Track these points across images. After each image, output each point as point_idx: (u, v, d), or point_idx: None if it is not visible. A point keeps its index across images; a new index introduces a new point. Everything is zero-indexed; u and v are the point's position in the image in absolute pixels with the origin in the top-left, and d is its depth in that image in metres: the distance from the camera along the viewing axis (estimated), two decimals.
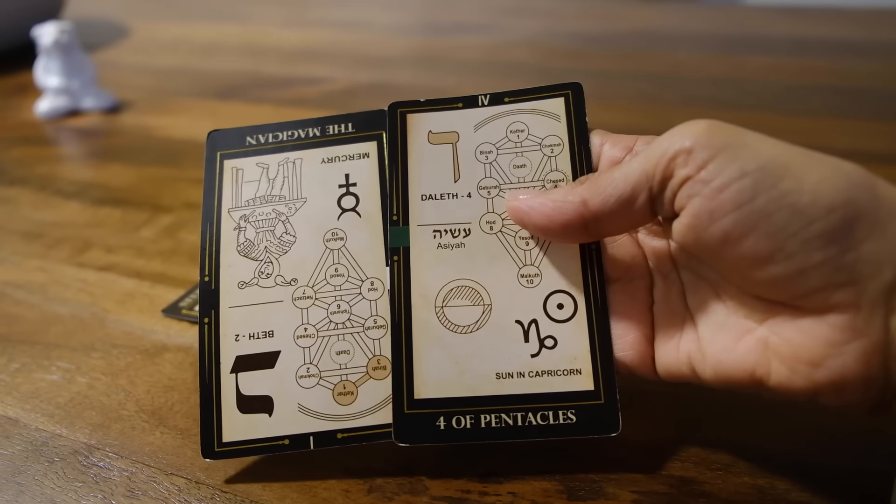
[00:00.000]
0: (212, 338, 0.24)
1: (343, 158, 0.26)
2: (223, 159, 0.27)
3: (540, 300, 0.24)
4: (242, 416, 0.24)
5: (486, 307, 0.24)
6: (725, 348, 0.21)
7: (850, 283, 0.18)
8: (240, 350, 0.24)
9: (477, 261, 0.24)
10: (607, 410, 0.22)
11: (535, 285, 0.24)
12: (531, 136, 0.25)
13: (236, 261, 0.25)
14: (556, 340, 0.23)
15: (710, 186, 0.19)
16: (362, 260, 0.25)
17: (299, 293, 0.25)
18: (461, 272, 0.24)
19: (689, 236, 0.20)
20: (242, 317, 0.25)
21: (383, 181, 0.25)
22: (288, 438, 0.23)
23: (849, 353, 0.18)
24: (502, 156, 0.25)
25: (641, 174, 0.20)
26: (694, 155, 0.19)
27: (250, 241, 0.25)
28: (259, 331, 0.24)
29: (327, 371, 0.24)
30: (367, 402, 0.23)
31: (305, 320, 0.24)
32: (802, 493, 0.22)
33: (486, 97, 0.26)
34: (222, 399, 0.24)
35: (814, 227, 0.18)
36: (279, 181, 0.26)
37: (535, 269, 0.24)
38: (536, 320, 0.23)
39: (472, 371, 0.23)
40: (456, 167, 0.25)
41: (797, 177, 0.18)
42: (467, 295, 0.24)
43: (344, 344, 0.24)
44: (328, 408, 0.23)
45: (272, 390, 0.24)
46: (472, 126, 0.25)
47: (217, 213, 0.26)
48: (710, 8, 0.89)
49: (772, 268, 0.19)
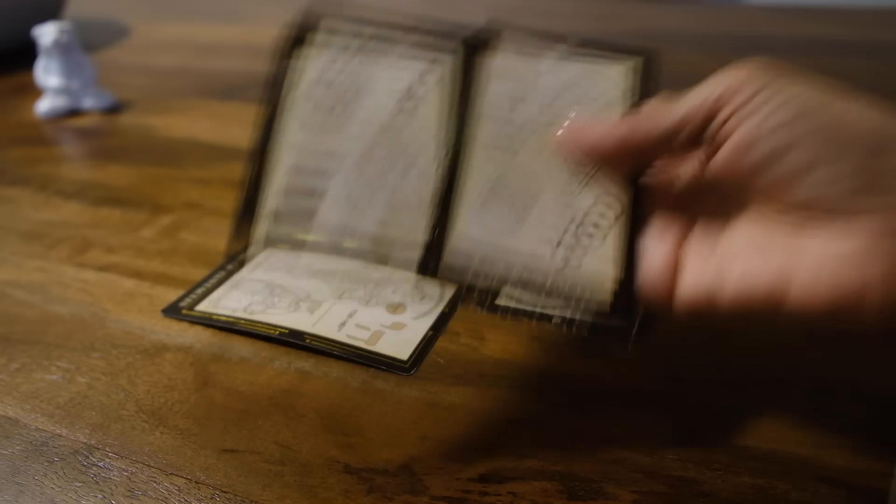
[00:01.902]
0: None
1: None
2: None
3: (578, 215, 0.24)
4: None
5: (527, 205, 0.24)
6: (746, 267, 0.21)
7: (882, 192, 0.19)
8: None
9: (526, 170, 0.25)
10: (621, 324, 0.23)
11: (574, 203, 0.24)
12: (589, 94, 0.26)
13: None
14: (585, 253, 0.24)
15: (757, 114, 0.20)
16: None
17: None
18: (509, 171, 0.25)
19: (733, 161, 0.21)
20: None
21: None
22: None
23: (873, 264, 0.19)
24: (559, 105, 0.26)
25: (689, 107, 0.22)
26: (742, 89, 0.21)
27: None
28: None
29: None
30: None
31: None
32: (802, 493, 0.23)
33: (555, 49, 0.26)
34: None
35: (856, 141, 0.19)
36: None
37: (577, 188, 0.24)
38: (570, 230, 0.24)
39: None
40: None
41: (842, 103, 0.20)
42: (515, 189, 0.25)
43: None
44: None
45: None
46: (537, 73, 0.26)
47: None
48: (710, 8, 0.89)
49: (812, 176, 0.20)
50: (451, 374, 0.28)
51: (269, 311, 0.32)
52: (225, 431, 0.26)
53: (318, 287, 0.33)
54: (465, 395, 0.27)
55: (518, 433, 0.25)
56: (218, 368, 0.29)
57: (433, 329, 0.30)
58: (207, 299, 0.33)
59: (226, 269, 0.35)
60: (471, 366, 0.28)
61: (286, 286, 0.33)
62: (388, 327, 0.30)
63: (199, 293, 0.34)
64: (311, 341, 0.30)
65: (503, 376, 0.28)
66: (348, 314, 0.31)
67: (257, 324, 0.31)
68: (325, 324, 0.31)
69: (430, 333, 0.30)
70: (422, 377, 0.28)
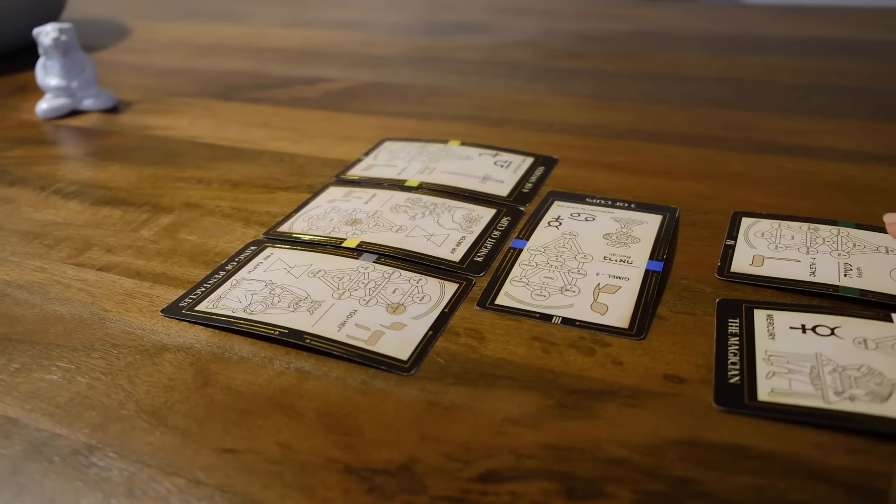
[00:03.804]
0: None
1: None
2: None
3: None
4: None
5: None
6: None
7: None
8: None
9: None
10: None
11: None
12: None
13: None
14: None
15: None
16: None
17: None
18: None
19: None
20: None
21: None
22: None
23: None
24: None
25: None
26: None
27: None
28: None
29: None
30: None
31: None
32: (802, 493, 0.22)
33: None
34: None
35: None
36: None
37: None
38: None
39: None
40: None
41: None
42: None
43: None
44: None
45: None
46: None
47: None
48: (710, 8, 0.89)
49: None
50: (451, 374, 0.28)
51: (269, 311, 0.32)
52: (225, 431, 0.26)
53: (318, 287, 0.33)
54: (465, 395, 0.27)
55: (518, 433, 0.25)
56: (218, 368, 0.29)
57: (433, 329, 0.30)
58: (207, 299, 0.33)
59: (226, 269, 0.35)
60: (471, 366, 0.28)
61: (286, 286, 0.33)
62: (387, 327, 0.30)
63: (199, 293, 0.34)
64: (310, 341, 0.30)
65: (503, 376, 0.28)
66: (348, 314, 0.31)
67: (257, 324, 0.31)
68: (324, 324, 0.31)
69: (430, 333, 0.30)
70: (421, 377, 0.28)
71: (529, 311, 0.31)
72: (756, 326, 0.29)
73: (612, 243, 0.36)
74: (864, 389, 0.25)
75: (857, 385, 0.26)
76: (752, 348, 0.28)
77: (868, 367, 0.26)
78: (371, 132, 0.52)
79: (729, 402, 0.26)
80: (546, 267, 0.34)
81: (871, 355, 0.27)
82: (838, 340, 0.28)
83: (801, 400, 0.25)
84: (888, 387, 0.25)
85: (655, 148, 0.48)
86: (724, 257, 0.35)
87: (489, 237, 0.37)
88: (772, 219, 0.38)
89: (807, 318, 0.29)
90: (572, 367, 0.28)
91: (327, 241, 0.37)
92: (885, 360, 0.27)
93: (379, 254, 0.36)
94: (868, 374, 0.26)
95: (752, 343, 0.28)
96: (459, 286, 0.33)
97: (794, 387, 0.26)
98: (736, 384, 0.26)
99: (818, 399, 0.25)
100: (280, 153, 0.49)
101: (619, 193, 0.41)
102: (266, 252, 0.37)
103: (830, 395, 0.25)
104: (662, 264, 0.34)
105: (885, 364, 0.26)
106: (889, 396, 0.25)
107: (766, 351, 0.28)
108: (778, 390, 0.26)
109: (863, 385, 0.26)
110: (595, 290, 0.32)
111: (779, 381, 0.26)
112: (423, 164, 0.46)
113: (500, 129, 0.52)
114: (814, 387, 0.26)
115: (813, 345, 0.28)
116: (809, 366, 0.27)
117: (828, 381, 0.26)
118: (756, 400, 0.26)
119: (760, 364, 0.27)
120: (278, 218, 0.40)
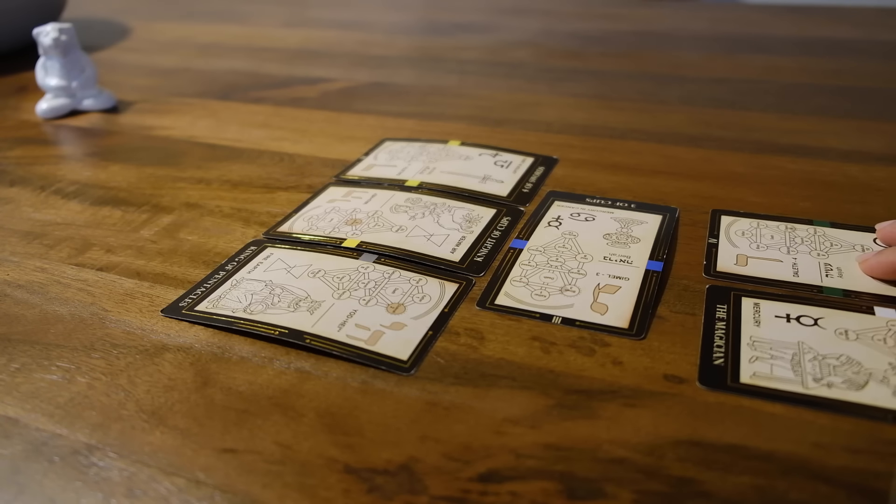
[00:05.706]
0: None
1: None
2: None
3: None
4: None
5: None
6: None
7: None
8: None
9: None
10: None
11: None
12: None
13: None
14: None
15: None
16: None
17: None
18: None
19: None
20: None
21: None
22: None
23: None
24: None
25: None
26: None
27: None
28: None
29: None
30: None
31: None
32: (802, 493, 0.22)
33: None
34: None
35: None
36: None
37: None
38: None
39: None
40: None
41: None
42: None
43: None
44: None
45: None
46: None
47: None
48: (710, 8, 0.89)
49: None
50: (451, 374, 0.28)
51: (269, 311, 0.32)
52: (225, 431, 0.26)
53: (318, 287, 0.33)
54: (465, 395, 0.27)
55: (518, 433, 0.25)
56: (218, 368, 0.29)
57: (433, 329, 0.30)
58: (207, 299, 0.33)
59: (226, 270, 0.35)
60: (471, 366, 0.28)
61: (286, 286, 0.33)
62: (387, 327, 0.30)
63: (199, 293, 0.34)
64: (310, 341, 0.30)
65: (503, 376, 0.28)
66: (348, 314, 0.31)
67: (257, 324, 0.31)
68: (324, 324, 0.31)
69: (429, 333, 0.30)
70: (421, 377, 0.28)
71: (529, 311, 0.31)
72: (743, 313, 0.30)
73: (612, 243, 0.36)
74: (841, 377, 0.26)
75: (836, 373, 0.27)
76: (737, 333, 0.29)
77: (847, 357, 0.27)
78: (371, 132, 0.52)
79: (712, 382, 0.27)
80: (546, 267, 0.34)
81: (852, 346, 0.28)
82: (821, 330, 0.29)
83: (780, 384, 0.26)
84: (864, 375, 0.26)
85: (655, 148, 0.48)
86: (709, 256, 0.35)
87: (489, 237, 0.37)
88: (749, 217, 0.38)
89: (792, 308, 0.30)
90: (572, 367, 0.28)
91: (327, 241, 0.37)
92: (864, 351, 0.28)
93: (379, 254, 0.36)
94: (847, 363, 0.27)
95: (738, 329, 0.29)
96: (459, 286, 0.33)
97: (776, 372, 0.27)
98: (720, 366, 0.28)
99: (797, 384, 0.26)
100: (280, 153, 0.49)
101: (619, 193, 0.41)
102: (266, 252, 0.37)
103: (809, 382, 0.26)
104: (662, 264, 0.34)
105: (864, 354, 0.27)
106: (865, 385, 0.26)
107: (751, 337, 0.29)
108: (760, 374, 0.27)
109: (840, 373, 0.27)
110: (595, 290, 0.32)
111: (761, 365, 0.27)
112: (423, 164, 0.46)
113: (499, 129, 0.52)
114: (794, 373, 0.27)
115: (796, 333, 0.29)
116: (791, 353, 0.28)
117: (808, 368, 0.27)
118: (738, 382, 0.27)
119: (745, 349, 0.28)
120: (278, 218, 0.41)
